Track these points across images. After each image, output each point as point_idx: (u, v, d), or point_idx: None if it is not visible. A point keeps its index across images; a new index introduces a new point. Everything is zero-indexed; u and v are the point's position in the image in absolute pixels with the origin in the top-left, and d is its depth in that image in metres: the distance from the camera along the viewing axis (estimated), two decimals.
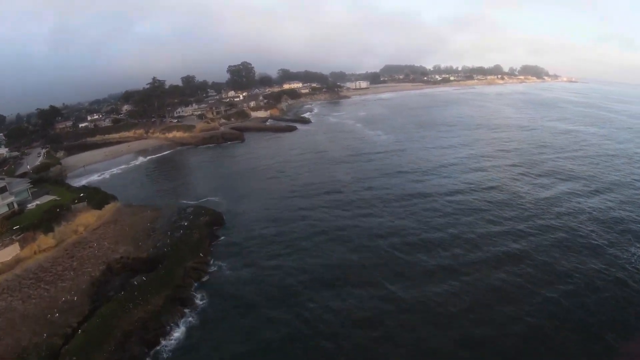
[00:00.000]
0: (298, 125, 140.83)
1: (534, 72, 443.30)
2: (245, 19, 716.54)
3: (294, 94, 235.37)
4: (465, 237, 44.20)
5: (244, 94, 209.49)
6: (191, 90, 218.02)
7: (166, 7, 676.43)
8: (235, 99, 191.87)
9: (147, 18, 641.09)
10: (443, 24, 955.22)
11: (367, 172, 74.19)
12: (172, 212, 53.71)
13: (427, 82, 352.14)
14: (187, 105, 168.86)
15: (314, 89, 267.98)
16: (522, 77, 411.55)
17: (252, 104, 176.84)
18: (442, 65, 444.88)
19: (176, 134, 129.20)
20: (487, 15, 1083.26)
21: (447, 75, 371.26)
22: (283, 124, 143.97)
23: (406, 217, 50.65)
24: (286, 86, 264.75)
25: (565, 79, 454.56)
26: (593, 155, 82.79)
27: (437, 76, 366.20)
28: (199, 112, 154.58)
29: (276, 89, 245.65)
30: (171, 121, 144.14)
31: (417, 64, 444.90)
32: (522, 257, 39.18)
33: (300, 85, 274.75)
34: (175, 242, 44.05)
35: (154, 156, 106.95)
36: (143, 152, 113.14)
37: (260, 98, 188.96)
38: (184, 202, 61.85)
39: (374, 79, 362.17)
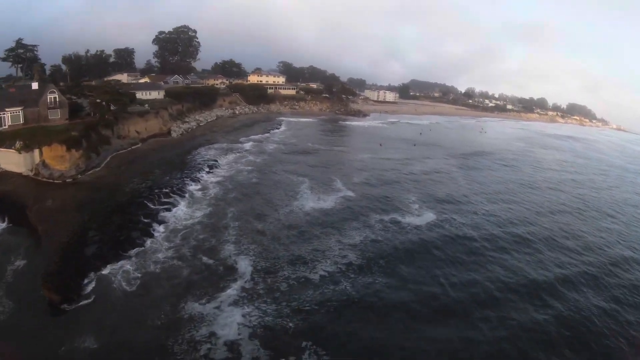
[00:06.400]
0: None
1: (583, 113, 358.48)
2: None
3: (258, 94, 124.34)
4: None
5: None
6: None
7: None
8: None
9: None
10: (504, 29, 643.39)
11: None
12: None
13: (475, 108, 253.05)
14: None
15: (307, 90, 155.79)
16: (577, 117, 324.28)
17: None
18: (477, 90, 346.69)
19: None
20: (562, 25, 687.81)
21: (503, 103, 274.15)
22: None
23: None
24: (253, 79, 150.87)
25: (614, 127, 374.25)
26: None
27: (487, 102, 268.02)
28: None
29: (241, 82, 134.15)
30: None
31: (448, 84, 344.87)
32: None
33: (281, 80, 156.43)
34: None
35: None
36: None
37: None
38: None
39: (402, 91, 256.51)
